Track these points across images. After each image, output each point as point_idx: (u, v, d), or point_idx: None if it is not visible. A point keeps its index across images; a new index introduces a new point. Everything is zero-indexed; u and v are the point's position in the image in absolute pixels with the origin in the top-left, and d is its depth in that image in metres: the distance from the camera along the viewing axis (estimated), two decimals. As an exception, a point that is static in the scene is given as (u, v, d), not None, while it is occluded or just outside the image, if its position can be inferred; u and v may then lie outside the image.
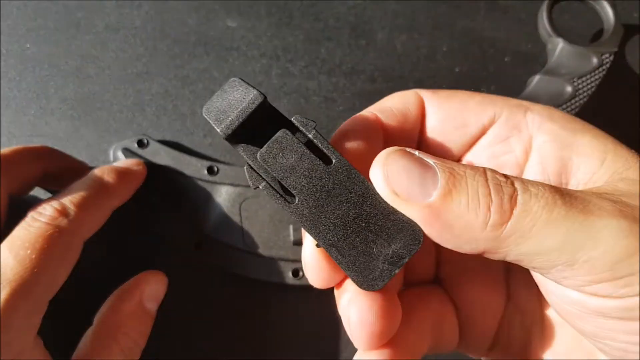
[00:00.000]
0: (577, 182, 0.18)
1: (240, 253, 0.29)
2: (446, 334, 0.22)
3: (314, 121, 0.17)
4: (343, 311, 0.18)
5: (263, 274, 0.29)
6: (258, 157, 0.17)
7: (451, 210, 0.15)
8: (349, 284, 0.18)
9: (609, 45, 0.33)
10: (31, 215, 0.23)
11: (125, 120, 0.33)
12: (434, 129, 0.20)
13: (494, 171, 0.16)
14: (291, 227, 0.29)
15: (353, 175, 0.17)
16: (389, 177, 0.16)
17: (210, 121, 0.17)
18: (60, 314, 0.25)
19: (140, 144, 0.30)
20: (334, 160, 0.17)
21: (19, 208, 0.23)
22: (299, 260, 0.29)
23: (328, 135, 0.33)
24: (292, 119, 0.17)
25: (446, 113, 0.19)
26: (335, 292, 0.19)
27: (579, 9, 0.37)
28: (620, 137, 0.35)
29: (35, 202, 0.24)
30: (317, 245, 0.17)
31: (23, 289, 0.21)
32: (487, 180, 0.15)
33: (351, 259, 0.17)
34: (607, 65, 0.33)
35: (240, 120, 0.17)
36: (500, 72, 0.35)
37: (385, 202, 0.17)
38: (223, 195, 0.30)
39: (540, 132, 0.18)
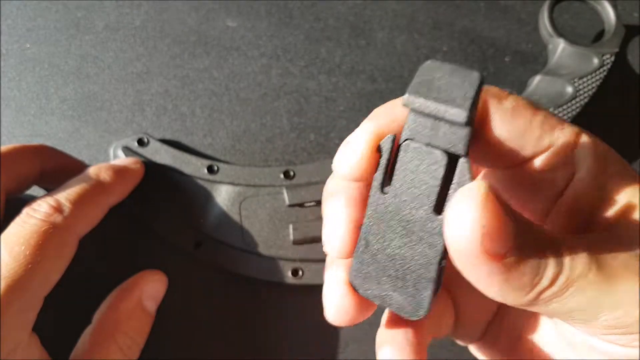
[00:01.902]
0: (602, 221, 0.18)
1: (239, 252, 0.29)
2: (444, 323, 0.22)
3: (472, 178, 0.15)
4: (328, 279, 0.19)
5: (262, 273, 0.29)
6: (404, 140, 0.16)
7: (518, 271, 0.15)
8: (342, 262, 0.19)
9: (610, 45, 0.33)
10: (26, 211, 0.23)
11: (125, 120, 0.33)
12: (490, 144, 0.18)
13: (556, 236, 0.16)
14: (291, 226, 0.29)
15: (438, 240, 0.16)
16: (485, 225, 0.14)
17: (435, 107, 0.15)
18: (59, 313, 0.25)
19: (141, 142, 0.30)
20: (440, 217, 0.16)
21: (16, 207, 0.23)
22: (299, 260, 0.29)
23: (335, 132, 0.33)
24: (463, 158, 0.15)
25: (507, 132, 0.18)
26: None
27: (580, 9, 0.37)
28: (620, 138, 0.36)
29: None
30: (360, 228, 0.17)
31: (17, 284, 0.21)
32: (550, 244, 0.15)
33: (366, 265, 0.17)
34: (608, 65, 0.33)
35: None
36: (500, 72, 0.35)
37: (434, 265, 0.16)
38: (223, 195, 0.30)
39: (582, 169, 0.18)
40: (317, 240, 0.29)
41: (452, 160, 0.16)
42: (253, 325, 0.29)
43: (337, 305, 0.18)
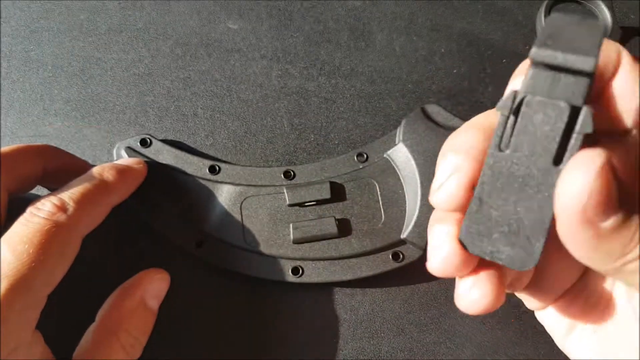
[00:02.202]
0: None
1: (240, 251, 0.29)
2: (524, 277, 0.22)
3: (594, 130, 0.15)
4: (437, 233, 0.19)
5: (263, 272, 0.29)
6: (522, 96, 0.16)
7: (613, 239, 0.15)
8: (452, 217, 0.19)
9: (606, 47, 0.34)
10: (30, 210, 0.23)
11: (128, 121, 0.33)
12: (612, 98, 0.18)
13: None
14: (291, 225, 0.29)
15: (554, 190, 0.16)
16: (592, 195, 0.14)
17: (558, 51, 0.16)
18: (62, 311, 0.25)
19: (144, 143, 0.31)
20: (560, 166, 0.16)
21: (20, 206, 0.24)
22: (299, 259, 0.29)
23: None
24: (586, 106, 0.15)
25: (630, 90, 0.17)
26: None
27: (577, 10, 0.37)
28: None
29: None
30: (473, 189, 0.18)
31: (20, 283, 0.21)
32: None
33: (478, 223, 0.17)
34: (604, 66, 0.33)
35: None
36: (498, 73, 0.36)
37: (548, 216, 0.16)
38: (224, 194, 0.30)
39: None
40: (317, 239, 0.29)
41: (574, 111, 0.16)
42: (253, 324, 0.30)
43: (444, 260, 0.19)
